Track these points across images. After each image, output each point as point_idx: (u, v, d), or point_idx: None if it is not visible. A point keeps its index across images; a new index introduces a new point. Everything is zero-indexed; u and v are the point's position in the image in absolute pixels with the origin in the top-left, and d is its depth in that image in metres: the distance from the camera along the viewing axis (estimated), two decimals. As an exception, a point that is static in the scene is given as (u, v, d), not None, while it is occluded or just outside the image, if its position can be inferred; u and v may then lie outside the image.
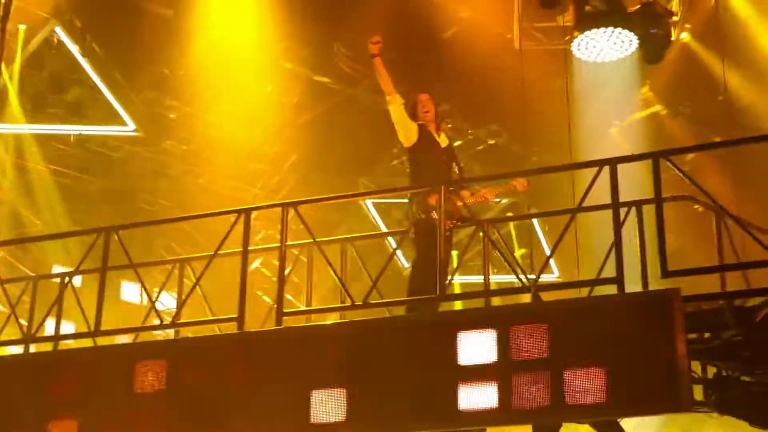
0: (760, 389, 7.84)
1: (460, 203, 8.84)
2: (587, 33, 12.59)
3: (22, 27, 13.65)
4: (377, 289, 8.47)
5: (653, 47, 12.95)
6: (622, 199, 7.89)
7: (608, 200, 7.84)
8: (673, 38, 13.06)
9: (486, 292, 8.76)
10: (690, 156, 13.48)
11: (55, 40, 13.67)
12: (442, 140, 9.24)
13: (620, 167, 7.89)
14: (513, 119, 14.85)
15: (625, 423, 8.25)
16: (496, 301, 9.66)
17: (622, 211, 7.97)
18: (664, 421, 14.40)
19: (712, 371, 7.96)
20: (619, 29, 12.44)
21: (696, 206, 8.70)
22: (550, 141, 14.51)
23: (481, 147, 16.07)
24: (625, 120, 15.42)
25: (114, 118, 14.58)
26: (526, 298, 8.21)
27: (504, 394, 7.22)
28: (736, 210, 8.81)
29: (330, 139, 15.70)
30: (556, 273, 15.31)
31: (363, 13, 13.79)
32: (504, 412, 7.29)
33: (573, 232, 9.48)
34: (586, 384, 7.02)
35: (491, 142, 16.03)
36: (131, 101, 14.67)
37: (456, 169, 9.29)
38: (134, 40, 14.16)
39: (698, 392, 7.81)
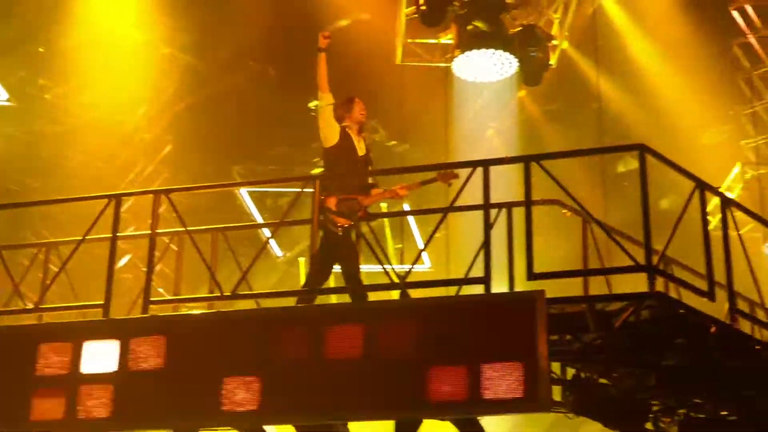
0: (616, 392, 8.03)
1: (365, 201, 8.82)
2: (468, 53, 12.69)
3: None
4: (246, 280, 8.45)
5: (532, 70, 13.11)
6: (494, 200, 8.01)
7: (480, 200, 7.94)
8: (551, 62, 13.24)
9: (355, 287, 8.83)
10: (562, 161, 13.71)
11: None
12: (361, 147, 9.19)
13: (494, 169, 8.02)
14: (391, 116, 14.94)
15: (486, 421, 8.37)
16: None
17: (493, 212, 8.08)
18: (524, 420, 14.69)
19: (571, 373, 8.13)
20: (499, 51, 12.57)
21: (564, 211, 8.86)
22: (428, 139, 14.64)
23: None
24: (501, 123, 15.65)
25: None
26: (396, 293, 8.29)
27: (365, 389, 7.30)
28: (603, 216, 9.06)
29: (206, 126, 15.54)
30: (428, 263, 15.43)
31: (245, 4, 13.73)
32: (368, 406, 7.36)
33: (446, 229, 9.63)
34: (448, 382, 7.12)
35: (369, 137, 16.06)
36: (3, 78, 14.28)
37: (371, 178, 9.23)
38: (9, 15, 13.78)
39: (557, 393, 7.97)
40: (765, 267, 10.72)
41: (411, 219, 15.97)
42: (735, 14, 15.89)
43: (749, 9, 15.91)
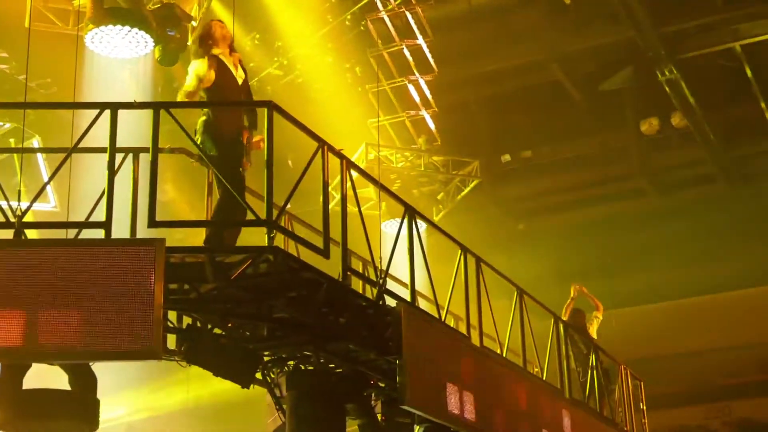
0: (229, 342, 8.17)
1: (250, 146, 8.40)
2: (102, 28, 12.16)
3: None
4: None
5: (169, 50, 12.74)
6: (122, 144, 7.85)
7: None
8: (189, 42, 12.94)
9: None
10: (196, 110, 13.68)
11: None
12: (239, 74, 8.57)
13: (125, 113, 7.85)
14: (22, 48, 14.17)
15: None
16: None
17: (119, 157, 7.94)
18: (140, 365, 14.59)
19: (188, 321, 8.16)
20: (135, 29, 12.13)
21: (192, 161, 8.83)
22: (60, 75, 14.04)
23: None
24: (138, 66, 15.22)
25: None
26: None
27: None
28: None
29: None
30: (53, 203, 14.90)
31: None
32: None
33: (71, 169, 9.32)
34: (60, 326, 6.93)
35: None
36: None
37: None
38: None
39: (172, 341, 7.97)
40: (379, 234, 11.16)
41: (39, 156, 15.36)
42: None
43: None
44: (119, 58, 13.16)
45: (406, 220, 9.26)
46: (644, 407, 15.38)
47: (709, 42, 17.54)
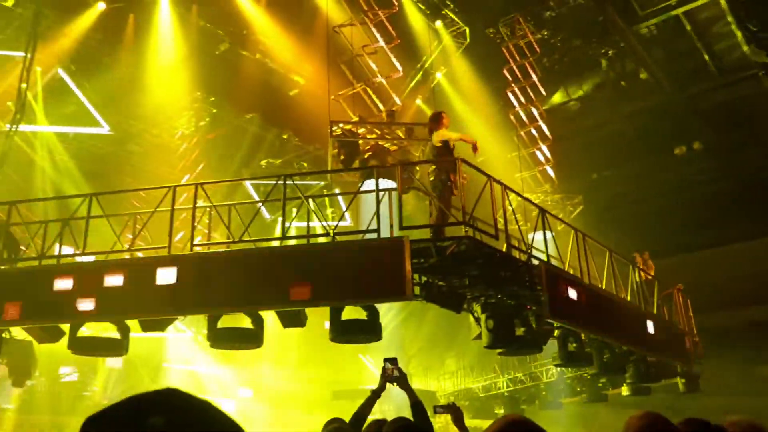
0: (447, 289, 8.15)
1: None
2: (366, 181, 11.03)
3: None
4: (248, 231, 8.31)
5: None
6: (382, 187, 8.03)
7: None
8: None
9: (307, 235, 8.75)
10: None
11: None
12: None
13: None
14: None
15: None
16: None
17: (383, 194, 8.10)
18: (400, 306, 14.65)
19: (424, 279, 8.19)
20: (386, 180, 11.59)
21: (420, 192, 8.96)
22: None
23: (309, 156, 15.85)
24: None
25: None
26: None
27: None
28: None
29: (228, 151, 15.17)
30: (349, 221, 15.34)
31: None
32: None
33: (357, 203, 9.59)
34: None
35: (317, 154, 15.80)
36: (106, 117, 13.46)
37: None
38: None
39: (417, 290, 8.01)
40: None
41: (340, 197, 15.81)
42: (509, 94, 15.65)
43: (517, 90, 15.93)
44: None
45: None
46: (692, 314, 14.20)
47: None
